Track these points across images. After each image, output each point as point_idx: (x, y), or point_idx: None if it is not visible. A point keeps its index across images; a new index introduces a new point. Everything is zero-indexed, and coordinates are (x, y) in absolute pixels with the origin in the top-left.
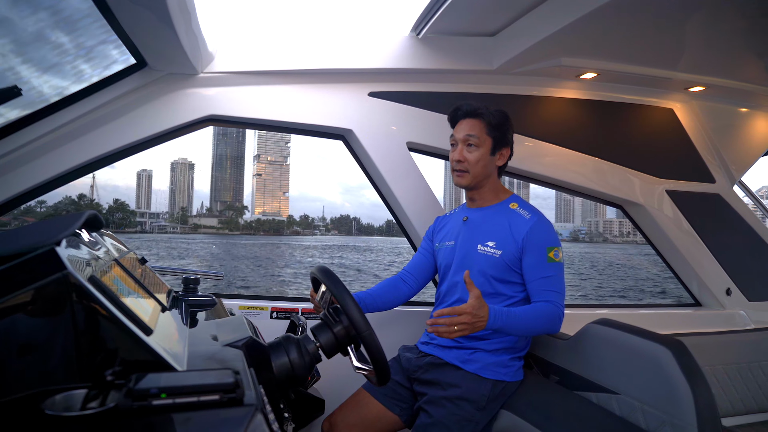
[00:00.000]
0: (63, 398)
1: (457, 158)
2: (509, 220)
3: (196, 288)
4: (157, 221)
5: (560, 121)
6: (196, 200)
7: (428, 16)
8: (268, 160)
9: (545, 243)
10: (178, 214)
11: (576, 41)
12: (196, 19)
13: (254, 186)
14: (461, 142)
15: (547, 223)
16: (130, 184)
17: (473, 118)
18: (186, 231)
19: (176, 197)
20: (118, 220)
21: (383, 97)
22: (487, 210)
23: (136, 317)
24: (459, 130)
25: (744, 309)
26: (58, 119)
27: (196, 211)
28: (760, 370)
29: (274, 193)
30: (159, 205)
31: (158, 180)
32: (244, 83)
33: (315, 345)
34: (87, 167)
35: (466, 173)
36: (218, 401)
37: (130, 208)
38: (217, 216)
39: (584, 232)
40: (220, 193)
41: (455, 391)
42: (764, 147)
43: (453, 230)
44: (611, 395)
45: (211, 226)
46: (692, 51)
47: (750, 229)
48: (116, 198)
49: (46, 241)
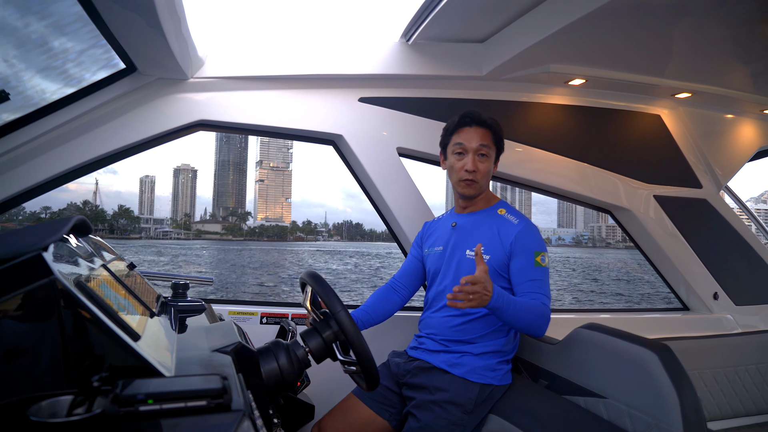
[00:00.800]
0: (49, 404)
1: (471, 168)
2: (498, 225)
3: (185, 293)
4: (161, 227)
5: (549, 127)
6: (198, 206)
7: (418, 22)
8: (271, 166)
9: (533, 247)
10: (182, 220)
11: (564, 48)
12: (186, 24)
13: (256, 192)
14: (473, 151)
15: (535, 228)
16: (132, 189)
17: (483, 128)
18: (190, 237)
19: (179, 203)
20: (123, 226)
21: (373, 102)
22: (476, 215)
23: (123, 323)
24: (470, 138)
25: (731, 313)
26: (47, 123)
27: (200, 217)
28: (747, 374)
29: (277, 198)
30: (161, 211)
31: (160, 186)
32: (234, 88)
33: (304, 350)
34: (76, 171)
35: (475, 183)
36: (206, 407)
37: (134, 214)
38: (220, 222)
39: (587, 237)
40: (223, 198)
41: (443, 395)
42: (750, 153)
43: (442, 236)
44: (599, 399)
45: (214, 232)
46: (678, 58)
47: (736, 234)
48: (120, 204)
49: (33, 247)
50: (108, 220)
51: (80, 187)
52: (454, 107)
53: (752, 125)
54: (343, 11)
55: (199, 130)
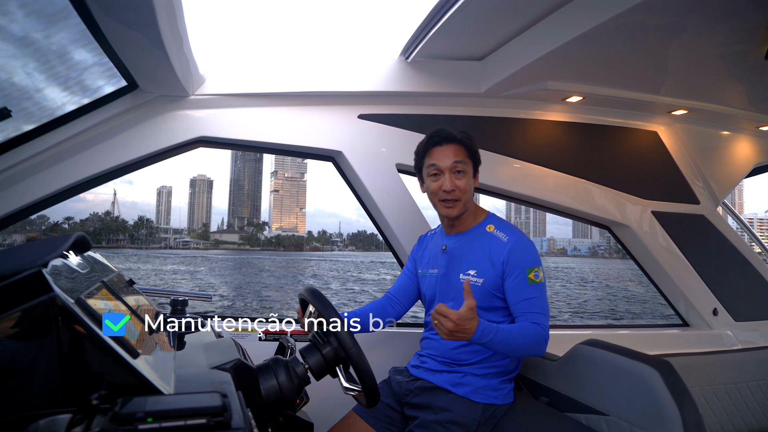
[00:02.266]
0: (47, 423)
1: (449, 188)
2: (488, 246)
3: (184, 309)
4: (181, 237)
5: (547, 144)
6: (214, 216)
7: (417, 40)
8: (285, 177)
9: (524, 264)
10: (201, 229)
11: (561, 66)
12: (187, 42)
13: (271, 202)
14: (448, 170)
15: (526, 242)
16: (147, 200)
17: (454, 144)
18: (208, 247)
19: (195, 213)
20: (143, 236)
21: (373, 119)
22: (464, 236)
23: (122, 340)
24: (442, 157)
25: (731, 329)
26: (49, 140)
27: (217, 227)
28: (748, 390)
29: (291, 208)
30: (177, 221)
31: (176, 196)
32: (234, 105)
33: (304, 367)
34: (78, 187)
35: (457, 202)
36: (205, 425)
37: (155, 224)
38: (237, 232)
39: (603, 247)
40: (238, 209)
41: (447, 415)
42: (746, 169)
43: (433, 258)
44: (600, 416)
45: (232, 242)
46: (674, 76)
47: (735, 250)
48: (140, 214)
49: (33, 263)
50: (129, 230)
51: (97, 197)
52: (452, 124)
53: (748, 142)
54: (343, 29)
55: (199, 147)
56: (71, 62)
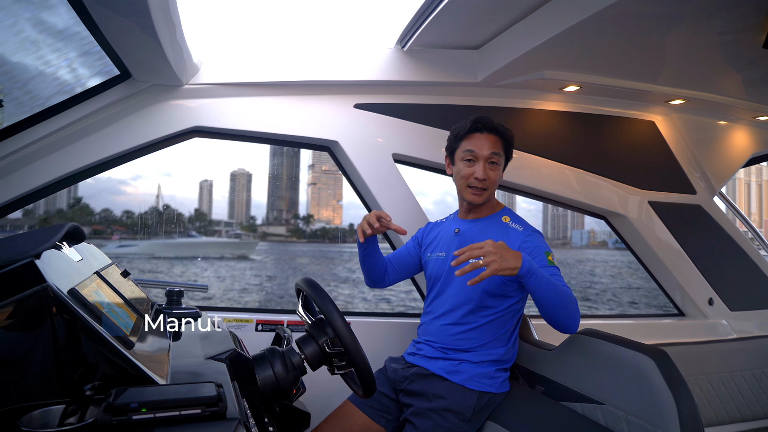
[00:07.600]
0: (40, 414)
1: (481, 176)
2: (504, 233)
3: (179, 300)
4: (233, 230)
5: (544, 133)
6: (253, 210)
7: (413, 28)
8: (323, 170)
9: (542, 248)
10: (250, 222)
11: (558, 55)
12: (180, 31)
13: (309, 195)
14: (484, 159)
15: (540, 234)
16: (186, 194)
17: (495, 135)
18: (257, 238)
19: (235, 206)
20: (198, 228)
21: (369, 108)
22: (481, 222)
23: (116, 330)
24: (482, 145)
25: (726, 319)
26: (41, 130)
27: (262, 220)
28: (743, 379)
29: (328, 201)
30: (220, 214)
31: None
32: (229, 95)
33: (300, 357)
34: (71, 178)
35: (485, 191)
36: (200, 415)
37: (208, 218)
38: (284, 224)
39: (615, 240)
40: (277, 201)
41: (441, 402)
42: (743, 159)
43: (444, 241)
44: (596, 405)
45: (279, 234)
46: (672, 65)
47: (731, 240)
48: (196, 208)
49: (26, 254)
50: (184, 223)
51: (137, 190)
52: (449, 113)
53: (745, 131)
54: (338, 18)
55: (194, 137)
56: (62, 51)
